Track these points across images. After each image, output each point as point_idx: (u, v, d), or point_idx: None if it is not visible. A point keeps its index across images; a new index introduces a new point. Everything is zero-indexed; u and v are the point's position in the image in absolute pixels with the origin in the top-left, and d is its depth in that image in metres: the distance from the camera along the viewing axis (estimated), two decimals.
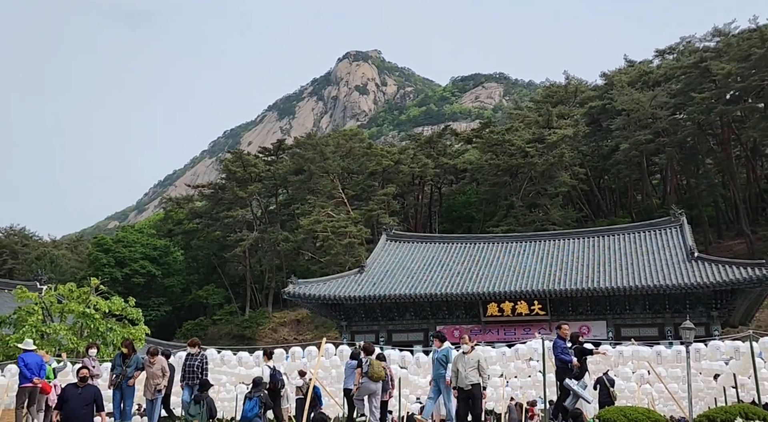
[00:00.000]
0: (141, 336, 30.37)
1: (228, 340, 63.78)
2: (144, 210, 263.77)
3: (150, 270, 72.02)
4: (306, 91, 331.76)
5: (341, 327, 49.96)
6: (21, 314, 28.65)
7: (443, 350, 15.55)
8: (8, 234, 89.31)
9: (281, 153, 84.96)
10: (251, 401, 15.15)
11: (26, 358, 17.13)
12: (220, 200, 78.75)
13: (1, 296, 45.83)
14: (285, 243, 73.23)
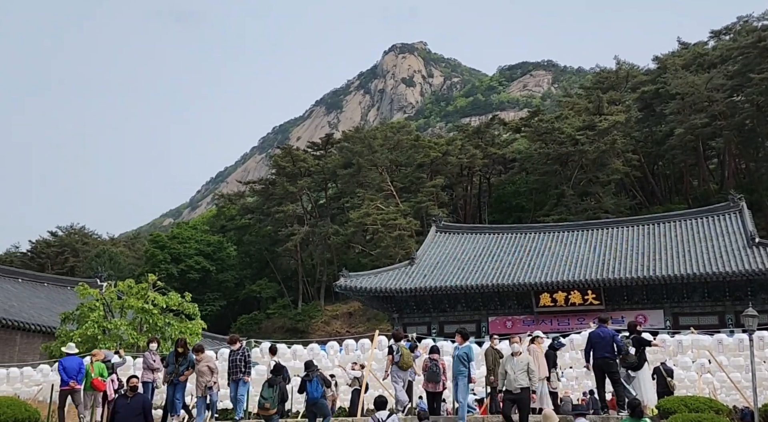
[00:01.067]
0: (198, 331, 31.01)
1: (282, 333, 64.66)
2: (197, 207, 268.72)
3: (204, 266, 73.39)
4: (353, 85, 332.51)
5: (393, 319, 50.13)
6: (83, 311, 29.48)
7: (464, 347, 15.53)
8: (69, 233, 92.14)
9: (330, 147, 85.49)
10: (312, 383, 15.40)
11: (66, 362, 17.92)
12: (270, 196, 79.70)
13: (64, 293, 47.42)
14: (335, 237, 73.72)
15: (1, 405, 15.59)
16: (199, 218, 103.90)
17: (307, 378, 15.62)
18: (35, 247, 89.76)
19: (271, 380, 15.49)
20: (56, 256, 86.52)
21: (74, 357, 18.39)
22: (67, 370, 17.69)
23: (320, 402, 15.56)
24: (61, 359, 18.49)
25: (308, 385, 15.42)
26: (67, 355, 18.26)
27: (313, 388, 15.35)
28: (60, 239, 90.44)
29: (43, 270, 73.97)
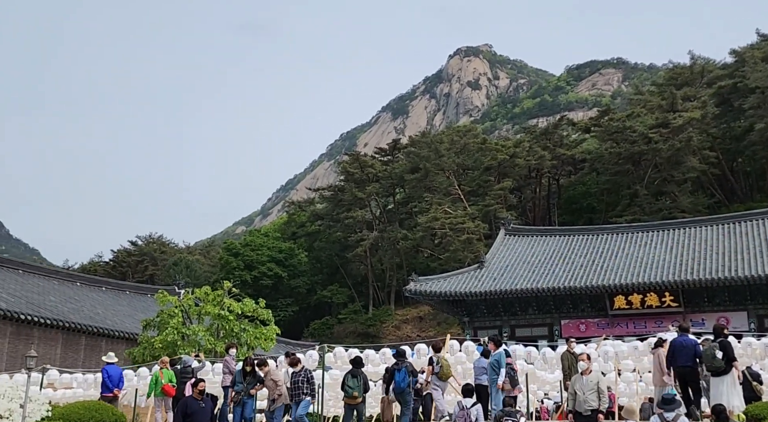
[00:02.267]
0: (272, 336, 31.61)
1: (353, 338, 65.16)
2: (268, 214, 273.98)
3: (277, 272, 74.72)
4: (418, 90, 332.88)
5: (463, 322, 49.88)
6: (163, 317, 30.41)
7: (496, 354, 15.50)
8: (148, 242, 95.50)
9: (397, 153, 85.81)
10: (400, 372, 15.99)
11: (109, 370, 19.00)
12: (339, 202, 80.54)
13: (144, 301, 49.17)
14: (404, 241, 73.90)
15: (90, 409, 16.32)
16: (271, 226, 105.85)
17: (396, 368, 16.28)
18: (117, 256, 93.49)
19: (353, 371, 16.68)
20: (136, 265, 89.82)
21: (116, 366, 19.57)
22: (111, 378, 18.79)
23: (407, 391, 16.09)
24: (104, 367, 19.50)
25: (396, 374, 16.10)
26: (108, 364, 19.39)
27: (401, 378, 16.00)
28: (140, 249, 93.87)
29: (124, 279, 76.93)
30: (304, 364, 18.11)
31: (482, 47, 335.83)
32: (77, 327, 34.82)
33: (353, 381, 16.55)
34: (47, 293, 40.04)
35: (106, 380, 19.14)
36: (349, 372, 16.96)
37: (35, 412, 15.89)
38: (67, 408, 16.91)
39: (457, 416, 13.86)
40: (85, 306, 41.24)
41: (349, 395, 16.54)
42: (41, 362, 23.08)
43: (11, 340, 31.24)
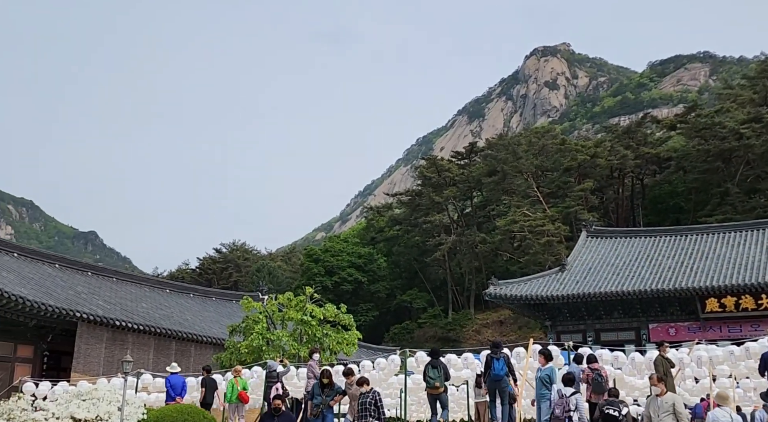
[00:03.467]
0: (354, 341, 31.92)
1: (434, 342, 64.99)
2: (347, 220, 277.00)
3: (357, 277, 75.43)
4: (494, 92, 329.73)
5: (546, 326, 48.99)
6: (248, 323, 31.18)
7: (547, 369, 14.96)
8: (232, 250, 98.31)
9: (473, 156, 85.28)
10: (498, 361, 16.14)
11: (172, 380, 19.94)
12: (417, 206, 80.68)
13: (230, 307, 50.53)
14: (483, 245, 73.32)
15: (182, 412, 16.95)
16: (350, 231, 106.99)
17: (495, 356, 16.39)
18: (203, 264, 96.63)
19: (433, 362, 17.16)
20: (221, 271, 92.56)
21: (178, 375, 20.55)
22: (174, 386, 19.67)
23: (504, 380, 16.17)
24: (168, 376, 20.42)
25: (495, 362, 16.24)
26: (171, 374, 20.36)
27: (500, 366, 16.15)
28: (224, 256, 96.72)
29: (210, 285, 79.38)
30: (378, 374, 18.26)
31: (560, 47, 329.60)
32: (168, 332, 36.10)
33: (434, 372, 16.94)
34: (139, 300, 41.70)
35: (168, 389, 20.13)
36: (429, 363, 17.31)
37: (132, 415, 16.60)
38: (160, 411, 17.61)
39: (556, 404, 14.12)
40: (175, 312, 42.73)
41: (430, 385, 16.91)
42: (135, 366, 24.09)
43: (107, 345, 32.69)
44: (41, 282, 35.13)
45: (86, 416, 16.17)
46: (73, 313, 31.25)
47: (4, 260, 35.97)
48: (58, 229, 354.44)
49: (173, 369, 21.48)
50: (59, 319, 30.82)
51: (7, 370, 30.68)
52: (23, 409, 16.69)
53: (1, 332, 30.30)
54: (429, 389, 17.12)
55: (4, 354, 30.94)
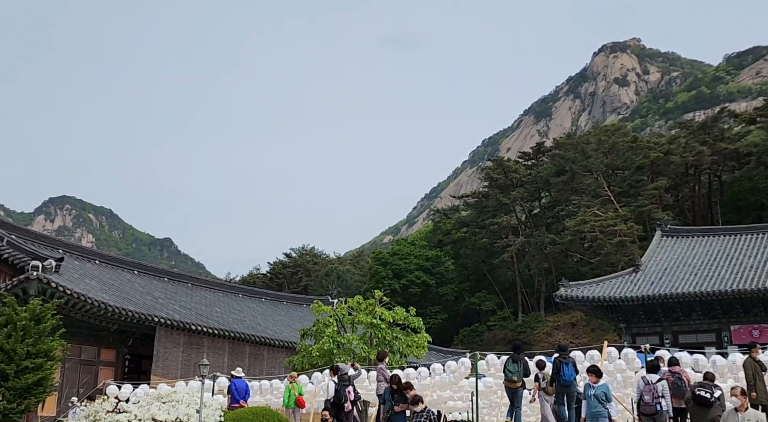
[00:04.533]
0: (423, 344, 31.87)
1: (504, 345, 64.31)
2: (414, 223, 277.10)
3: (425, 280, 75.36)
4: (561, 91, 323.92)
5: (620, 329, 47.86)
6: (319, 327, 31.52)
7: (601, 386, 14.64)
8: (301, 254, 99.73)
9: (541, 156, 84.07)
10: (567, 366, 16.27)
11: (237, 384, 20.49)
12: (484, 208, 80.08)
13: (300, 311, 51.33)
14: (552, 246, 72.18)
15: (257, 414, 17.33)
16: (417, 234, 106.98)
17: (564, 361, 16.52)
18: (273, 268, 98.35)
19: (514, 356, 17.62)
20: (291, 276, 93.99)
21: (242, 380, 21.06)
22: (238, 390, 20.24)
23: (574, 385, 16.31)
24: (232, 380, 21.02)
25: (564, 367, 16.35)
26: (236, 378, 21.02)
27: (570, 372, 16.29)
28: (294, 260, 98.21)
29: (281, 289, 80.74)
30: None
31: (630, 42, 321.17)
32: (242, 336, 36.96)
33: (514, 366, 17.40)
34: (213, 305, 42.84)
35: (234, 393, 20.66)
36: (510, 357, 17.72)
37: (209, 417, 17.07)
38: (236, 413, 18.05)
39: (642, 390, 14.27)
40: (247, 317, 43.69)
41: (509, 379, 17.38)
42: (211, 369, 24.73)
43: (184, 349, 33.71)
44: (121, 288, 36.51)
45: (166, 418, 16.72)
46: (152, 318, 32.36)
47: (87, 268, 37.57)
48: (135, 236, 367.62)
49: (238, 373, 22.07)
50: (139, 324, 31.96)
51: (92, 373, 32.02)
52: (108, 411, 17.39)
53: (86, 336, 31.64)
54: (507, 382, 17.55)
55: (89, 357, 32.31)
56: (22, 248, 31.39)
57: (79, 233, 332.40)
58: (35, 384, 18.25)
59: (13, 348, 18.15)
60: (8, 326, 18.78)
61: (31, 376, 18.06)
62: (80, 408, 18.69)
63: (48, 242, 39.32)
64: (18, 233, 36.14)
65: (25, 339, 18.52)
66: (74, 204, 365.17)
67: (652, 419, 14.33)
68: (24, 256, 30.34)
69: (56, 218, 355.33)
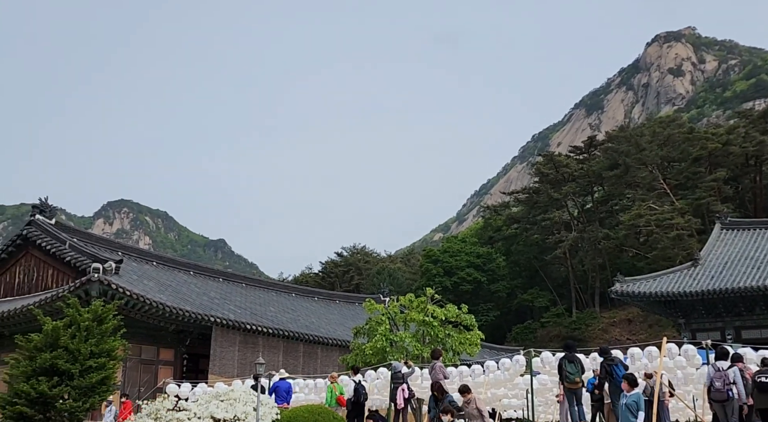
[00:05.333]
0: (476, 341, 31.75)
1: (558, 342, 63.46)
2: (464, 220, 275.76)
3: (476, 277, 74.94)
4: (613, 83, 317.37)
5: (679, 324, 46.73)
6: (372, 325, 31.72)
7: (633, 395, 14.04)
8: (353, 253, 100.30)
9: (593, 150, 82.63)
10: (618, 366, 16.61)
11: (280, 385, 20.95)
12: (535, 204, 79.20)
13: (353, 309, 51.63)
14: (606, 241, 70.95)
15: (313, 412, 17.50)
16: (467, 231, 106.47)
17: (612, 363, 16.86)
18: (325, 267, 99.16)
19: (569, 356, 17.72)
20: (343, 275, 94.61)
21: (285, 381, 21.61)
22: (279, 392, 20.67)
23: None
24: (276, 382, 21.44)
25: (615, 369, 16.62)
26: (280, 379, 21.45)
27: (622, 371, 16.39)
28: (345, 259, 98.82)
29: (333, 288, 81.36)
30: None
31: (684, 31, 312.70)
32: (296, 335, 37.39)
33: (572, 367, 17.38)
34: (267, 304, 43.44)
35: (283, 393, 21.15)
36: (565, 357, 17.71)
37: (266, 415, 17.31)
38: (292, 411, 18.26)
39: (713, 377, 14.31)
40: (301, 316, 44.17)
41: (571, 381, 17.29)
42: (266, 368, 25.10)
43: (240, 348, 34.29)
44: (178, 289, 37.34)
45: (225, 416, 17.03)
46: (208, 317, 33.01)
47: (145, 269, 38.54)
48: (190, 238, 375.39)
49: (281, 375, 22.59)
50: (195, 323, 32.64)
51: (152, 372, 32.85)
52: (168, 409, 17.81)
53: (145, 336, 32.47)
54: (569, 384, 17.37)
55: (149, 357, 33.15)
56: (84, 251, 32.41)
57: (136, 235, 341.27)
58: (99, 382, 18.80)
59: (78, 347, 18.72)
60: (72, 326, 19.38)
61: (95, 375, 18.60)
62: (142, 405, 19.23)
63: (107, 244, 40.51)
64: (79, 236, 37.34)
65: (88, 339, 19.08)
66: (131, 207, 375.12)
67: (722, 406, 14.23)
68: (85, 259, 31.33)
69: (115, 221, 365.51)
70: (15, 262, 35.68)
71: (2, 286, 35.70)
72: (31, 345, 19.02)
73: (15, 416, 18.11)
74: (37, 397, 17.97)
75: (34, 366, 18.53)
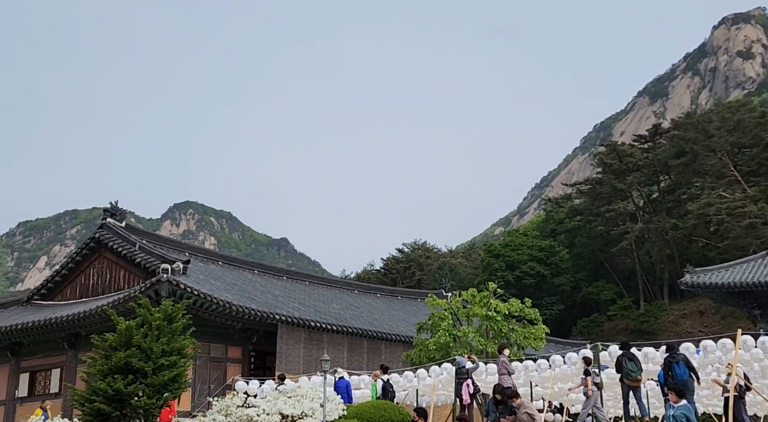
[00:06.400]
0: (541, 336, 31.38)
1: (625, 335, 62.16)
2: (525, 213, 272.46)
3: (539, 270, 73.96)
4: (678, 69, 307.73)
5: (754, 316, 45.08)
6: (434, 320, 31.70)
7: (682, 407, 12.69)
8: (414, 249, 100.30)
9: (658, 138, 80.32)
10: (678, 365, 16.39)
11: (339, 384, 21.58)
12: (598, 195, 77.65)
13: (415, 305, 51.68)
14: (674, 231, 69.01)
15: (379, 408, 17.63)
16: (529, 224, 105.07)
17: (673, 360, 16.75)
18: (386, 264, 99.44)
19: (627, 354, 17.98)
20: (404, 271, 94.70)
21: (344, 380, 22.66)
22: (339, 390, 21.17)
23: (689, 382, 16.31)
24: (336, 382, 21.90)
25: (675, 366, 16.51)
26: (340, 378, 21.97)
27: (682, 371, 16.41)
28: (406, 255, 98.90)
29: (394, 285, 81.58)
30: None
31: (754, 12, 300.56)
32: (360, 331, 37.67)
33: (632, 364, 17.76)
34: (331, 302, 43.88)
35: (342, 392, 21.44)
36: (624, 355, 17.95)
37: (333, 411, 17.53)
38: (359, 407, 18.44)
39: None
40: (364, 312, 44.46)
41: (633, 378, 17.69)
42: (331, 365, 25.44)
43: (305, 345, 34.75)
44: (244, 288, 38.09)
45: (292, 412, 17.32)
46: (273, 315, 33.57)
47: (211, 269, 39.46)
48: (254, 237, 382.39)
49: (339, 374, 23.01)
50: (261, 321, 33.24)
51: (221, 369, 33.63)
52: (238, 406, 18.22)
53: (214, 335, 33.24)
54: (629, 381, 17.77)
55: (217, 355, 33.94)
56: (153, 252, 33.41)
57: (202, 236, 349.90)
58: (171, 380, 19.32)
59: (150, 346, 19.29)
60: (144, 326, 19.98)
61: (167, 373, 19.13)
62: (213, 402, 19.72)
63: (175, 245, 41.64)
64: (148, 238, 38.51)
65: (160, 338, 19.64)
66: (197, 209, 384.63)
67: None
68: (154, 259, 32.29)
69: (181, 222, 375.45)
70: (89, 264, 37.06)
71: (78, 287, 37.13)
72: (107, 345, 19.68)
73: (93, 413, 18.79)
74: (114, 394, 18.58)
75: (109, 365, 19.17)
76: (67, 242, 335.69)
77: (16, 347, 35.62)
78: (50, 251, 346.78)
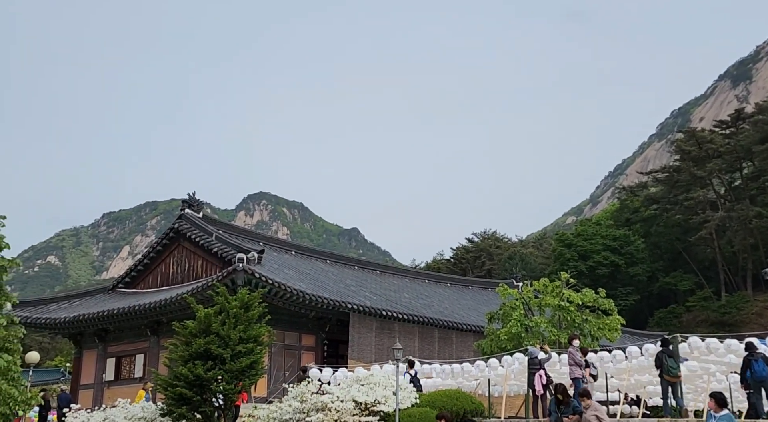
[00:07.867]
0: (616, 326, 30.79)
1: (705, 327, 60.22)
2: (598, 202, 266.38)
3: (613, 260, 72.32)
4: (763, 51, 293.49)
5: None
6: (506, 310, 31.54)
7: (724, 416, 11.59)
8: (483, 239, 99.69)
9: (741, 123, 77.11)
10: (758, 362, 16.52)
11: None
12: (676, 183, 75.23)
13: (486, 295, 51.43)
14: (758, 220, 66.22)
15: (451, 397, 17.73)
16: (602, 214, 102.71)
17: (752, 358, 16.84)
18: (456, 253, 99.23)
19: (667, 350, 18.68)
20: (474, 260, 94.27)
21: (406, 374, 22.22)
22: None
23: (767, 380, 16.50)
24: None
25: (754, 364, 16.64)
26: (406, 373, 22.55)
27: (761, 368, 16.51)
28: (476, 245, 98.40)
29: (464, 274, 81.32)
30: None
31: None
32: (430, 320, 37.78)
33: (672, 361, 18.35)
34: (401, 291, 44.14)
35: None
36: (665, 352, 18.52)
37: (406, 399, 17.73)
38: (431, 395, 18.60)
39: None
40: (434, 302, 44.53)
41: (673, 374, 18.30)
42: (403, 353, 25.65)
43: (377, 334, 35.11)
44: (316, 277, 38.75)
45: (366, 399, 17.60)
46: (345, 304, 34.05)
47: (285, 258, 40.30)
48: (325, 228, 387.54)
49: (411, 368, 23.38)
50: (334, 310, 33.77)
51: (295, 357, 34.37)
52: (312, 392, 18.63)
53: (288, 323, 33.99)
54: (669, 377, 18.35)
55: (292, 342, 34.70)
56: (229, 242, 34.36)
57: (275, 226, 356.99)
58: (248, 367, 19.89)
59: (228, 334, 19.90)
60: (222, 314, 20.61)
61: (244, 360, 19.70)
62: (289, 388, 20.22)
63: (249, 235, 42.70)
64: (224, 228, 39.63)
65: (237, 326, 20.22)
66: (270, 199, 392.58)
67: None
68: (230, 249, 33.20)
69: (255, 213, 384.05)
70: (169, 254, 38.44)
71: (159, 276, 38.59)
72: (187, 331, 20.40)
73: (176, 397, 19.55)
74: (194, 380, 19.27)
75: (190, 351, 19.87)
76: (148, 232, 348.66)
77: (103, 333, 37.34)
78: (132, 240, 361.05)
